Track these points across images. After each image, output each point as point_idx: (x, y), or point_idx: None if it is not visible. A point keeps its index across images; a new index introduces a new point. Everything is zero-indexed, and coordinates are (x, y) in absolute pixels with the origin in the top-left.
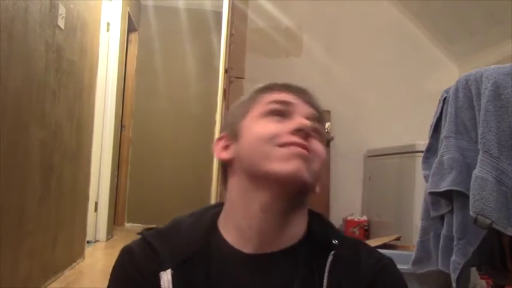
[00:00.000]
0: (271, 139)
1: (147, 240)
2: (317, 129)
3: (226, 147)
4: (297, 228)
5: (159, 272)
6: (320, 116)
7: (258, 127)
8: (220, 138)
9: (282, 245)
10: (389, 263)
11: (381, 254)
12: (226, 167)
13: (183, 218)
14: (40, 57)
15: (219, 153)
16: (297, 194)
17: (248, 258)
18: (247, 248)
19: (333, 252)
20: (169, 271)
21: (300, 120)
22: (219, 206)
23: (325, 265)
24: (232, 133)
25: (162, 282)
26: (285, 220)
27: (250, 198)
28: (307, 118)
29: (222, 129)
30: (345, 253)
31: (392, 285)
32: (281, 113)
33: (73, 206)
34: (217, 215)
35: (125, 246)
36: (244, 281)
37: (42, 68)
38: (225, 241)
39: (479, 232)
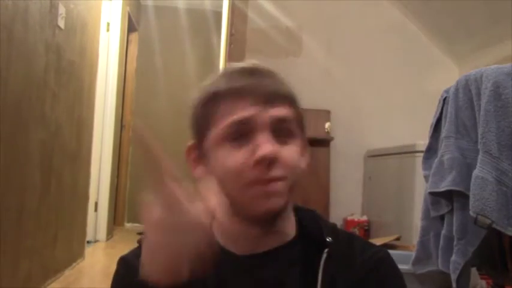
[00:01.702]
0: (237, 176)
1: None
2: (284, 130)
3: (197, 162)
4: (285, 229)
5: None
6: (293, 110)
7: (222, 158)
8: (190, 148)
9: (272, 245)
10: (384, 255)
11: (375, 246)
12: None
13: None
14: (40, 57)
15: (193, 169)
16: (278, 215)
17: (239, 259)
18: (237, 250)
19: (326, 250)
20: None
21: (258, 151)
22: None
23: (318, 263)
24: (200, 149)
25: None
26: (268, 228)
27: (230, 215)
28: (270, 125)
29: (191, 133)
30: (339, 249)
31: (388, 278)
32: (241, 133)
33: (73, 206)
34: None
35: (121, 256)
36: (236, 283)
37: (42, 68)
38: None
39: (479, 232)
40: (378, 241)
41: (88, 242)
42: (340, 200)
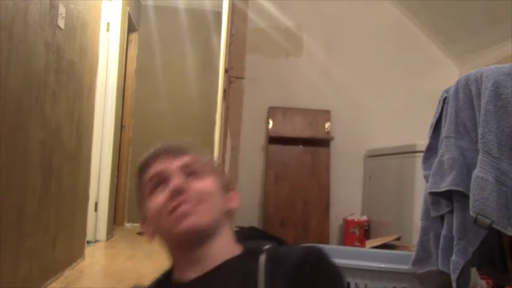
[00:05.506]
0: (162, 210)
1: None
2: (192, 172)
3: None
4: (222, 247)
5: None
6: (195, 158)
7: (150, 204)
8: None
9: (217, 262)
10: (320, 252)
11: (310, 246)
12: None
13: None
14: (40, 57)
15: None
16: (201, 236)
17: (188, 283)
18: (186, 276)
19: (266, 249)
20: None
21: (170, 185)
22: None
23: (258, 263)
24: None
25: None
26: (204, 249)
27: (173, 251)
28: (180, 171)
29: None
30: (276, 251)
31: (327, 273)
32: (161, 181)
33: (73, 205)
34: None
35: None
36: None
37: (42, 68)
38: (172, 278)
39: (479, 232)
40: (377, 241)
41: (88, 242)
42: (340, 200)
